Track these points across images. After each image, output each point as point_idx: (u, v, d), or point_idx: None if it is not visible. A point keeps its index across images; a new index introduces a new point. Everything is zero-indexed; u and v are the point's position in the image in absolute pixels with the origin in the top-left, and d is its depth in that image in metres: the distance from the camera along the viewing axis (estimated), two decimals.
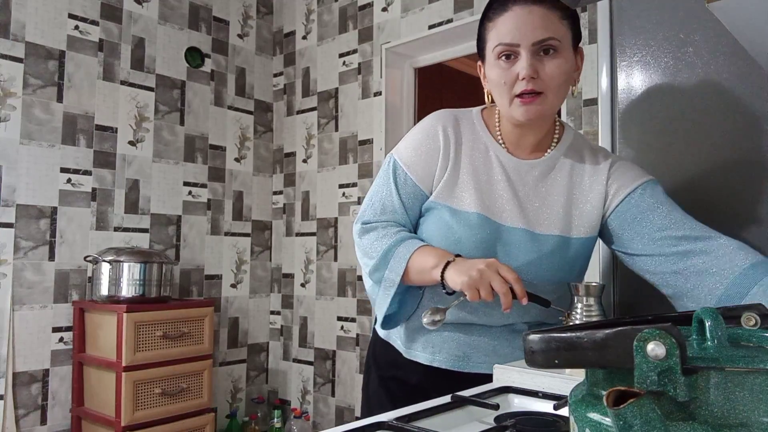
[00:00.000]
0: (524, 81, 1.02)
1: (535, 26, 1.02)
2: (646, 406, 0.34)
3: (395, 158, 1.17)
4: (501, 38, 1.04)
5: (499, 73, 1.05)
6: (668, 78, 1.36)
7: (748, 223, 1.25)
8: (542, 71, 1.02)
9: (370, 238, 1.15)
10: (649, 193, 1.10)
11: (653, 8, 1.38)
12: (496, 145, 1.15)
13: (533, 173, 1.13)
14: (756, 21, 0.91)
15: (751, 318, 0.48)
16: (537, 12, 1.02)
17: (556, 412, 0.81)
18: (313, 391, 3.06)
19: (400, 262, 1.08)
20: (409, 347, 1.20)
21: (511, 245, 1.10)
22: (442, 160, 1.13)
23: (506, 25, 1.03)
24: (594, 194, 1.12)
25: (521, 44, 1.02)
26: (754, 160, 1.24)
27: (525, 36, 1.02)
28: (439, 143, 1.14)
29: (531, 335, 0.43)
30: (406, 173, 1.15)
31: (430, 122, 1.17)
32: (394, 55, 2.85)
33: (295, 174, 3.26)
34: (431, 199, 1.14)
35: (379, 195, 1.18)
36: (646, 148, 1.39)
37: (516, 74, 1.03)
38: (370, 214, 1.18)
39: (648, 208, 1.08)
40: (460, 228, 1.10)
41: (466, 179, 1.12)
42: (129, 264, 2.43)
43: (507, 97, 1.06)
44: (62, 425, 2.50)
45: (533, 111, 1.04)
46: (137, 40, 2.83)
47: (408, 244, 1.10)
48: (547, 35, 1.02)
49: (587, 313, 1.04)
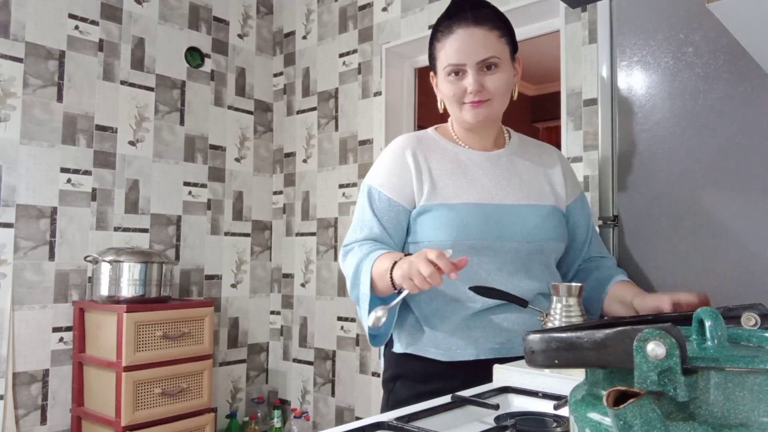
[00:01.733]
0: (471, 94, 1.19)
1: (477, 47, 1.18)
2: (646, 406, 0.34)
3: (368, 184, 1.28)
4: (449, 59, 1.20)
5: (450, 87, 1.22)
6: (668, 78, 1.36)
7: (748, 223, 1.25)
8: (486, 84, 1.20)
9: (347, 261, 1.23)
10: (584, 205, 1.35)
11: (653, 8, 1.38)
12: (460, 147, 1.29)
13: (503, 159, 1.29)
14: (756, 21, 0.91)
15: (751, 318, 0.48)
16: (478, 34, 1.19)
17: (556, 412, 0.81)
18: (313, 391, 3.06)
19: (366, 274, 1.15)
20: (448, 349, 1.19)
21: (513, 217, 1.22)
22: (416, 175, 1.24)
23: (453, 46, 1.20)
24: (557, 175, 1.32)
25: (467, 63, 1.19)
26: (754, 160, 1.24)
27: (469, 56, 1.19)
28: (408, 163, 1.25)
29: (531, 335, 0.43)
30: (379, 191, 1.25)
31: (395, 147, 1.29)
32: (394, 55, 2.85)
33: (295, 174, 3.26)
34: (423, 203, 1.22)
35: (357, 218, 1.28)
36: (646, 148, 1.39)
37: (464, 88, 1.20)
38: (350, 236, 1.27)
39: (578, 222, 1.33)
40: (463, 216, 1.18)
41: (447, 182, 1.23)
42: (129, 264, 2.43)
43: (457, 104, 1.23)
44: (62, 425, 2.50)
45: (481, 114, 1.21)
46: (137, 40, 2.83)
47: (372, 256, 1.16)
48: (489, 54, 1.19)
49: (567, 314, 1.03)
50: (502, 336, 1.19)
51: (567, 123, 2.17)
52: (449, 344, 1.19)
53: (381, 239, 1.23)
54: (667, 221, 1.35)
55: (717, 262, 1.29)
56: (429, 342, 1.21)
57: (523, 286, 1.20)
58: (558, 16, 2.25)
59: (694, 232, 1.31)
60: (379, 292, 1.15)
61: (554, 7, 2.23)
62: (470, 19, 1.20)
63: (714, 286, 1.27)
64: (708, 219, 1.30)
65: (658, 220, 1.36)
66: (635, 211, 1.33)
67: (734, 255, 1.26)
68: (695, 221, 1.31)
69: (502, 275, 1.20)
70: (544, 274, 1.24)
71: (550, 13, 2.28)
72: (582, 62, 2.14)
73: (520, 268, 1.21)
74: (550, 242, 1.23)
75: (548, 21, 2.34)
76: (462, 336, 1.19)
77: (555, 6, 2.22)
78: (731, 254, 1.27)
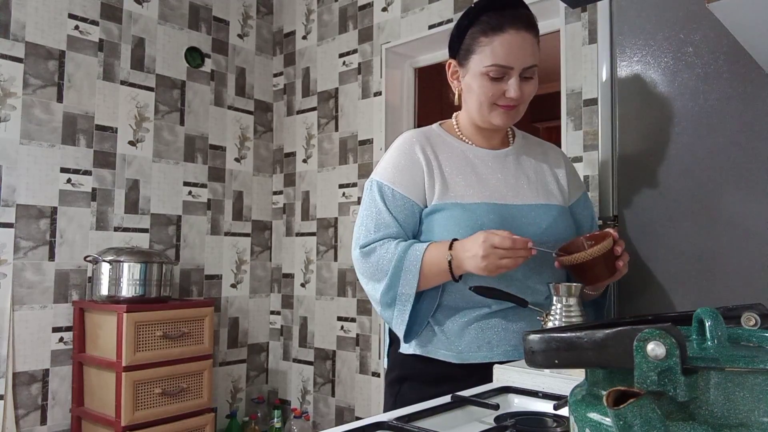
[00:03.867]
0: (510, 99, 1.16)
1: (527, 53, 1.14)
2: (646, 406, 0.34)
3: (377, 180, 1.22)
4: (497, 59, 1.14)
5: (488, 87, 1.16)
6: (668, 78, 1.36)
7: (749, 223, 1.25)
8: (524, 92, 1.17)
9: (372, 262, 1.17)
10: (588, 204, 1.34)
11: (653, 8, 1.38)
12: (467, 145, 1.26)
13: (510, 158, 1.26)
14: (756, 21, 0.91)
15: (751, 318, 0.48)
16: (528, 38, 1.14)
17: (556, 412, 0.81)
18: (313, 391, 3.06)
19: (413, 273, 1.12)
20: (460, 351, 1.16)
21: (526, 218, 1.20)
22: (427, 172, 1.20)
23: (503, 47, 1.13)
24: (562, 174, 1.30)
25: (515, 67, 1.14)
26: (754, 160, 1.24)
27: (518, 61, 1.14)
28: (419, 158, 1.21)
29: (531, 335, 0.43)
30: (392, 189, 1.19)
31: (403, 142, 1.25)
32: (394, 55, 2.84)
33: (295, 174, 3.26)
34: (436, 202, 1.18)
35: (370, 216, 1.20)
36: (646, 148, 1.39)
37: (503, 91, 1.16)
38: (365, 235, 1.20)
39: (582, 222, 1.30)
40: (478, 216, 1.16)
41: (458, 180, 1.20)
42: (129, 264, 2.43)
43: (488, 105, 1.18)
44: (62, 425, 2.50)
45: (511, 118, 1.20)
46: (137, 40, 2.83)
47: (411, 253, 1.13)
48: (534, 62, 1.16)
49: (567, 314, 1.02)
50: (515, 338, 1.16)
51: (567, 123, 2.17)
52: (461, 346, 1.16)
53: (397, 237, 1.18)
54: (667, 221, 1.35)
55: (717, 261, 1.29)
56: (440, 344, 1.18)
57: (537, 288, 1.18)
58: (558, 16, 2.25)
59: (694, 232, 1.31)
60: (424, 288, 1.15)
61: (554, 7, 2.23)
62: (524, 21, 1.14)
63: (714, 286, 1.27)
64: (708, 219, 1.30)
65: (658, 219, 1.36)
66: (635, 211, 1.33)
67: (734, 255, 1.26)
68: (695, 221, 1.31)
69: (517, 277, 1.16)
70: (555, 275, 1.20)
71: (550, 13, 2.28)
72: (582, 62, 2.14)
73: (534, 269, 1.18)
74: (560, 242, 1.19)
75: (548, 21, 2.34)
76: (475, 338, 1.16)
77: (555, 6, 2.22)
78: (731, 254, 1.27)
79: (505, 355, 1.14)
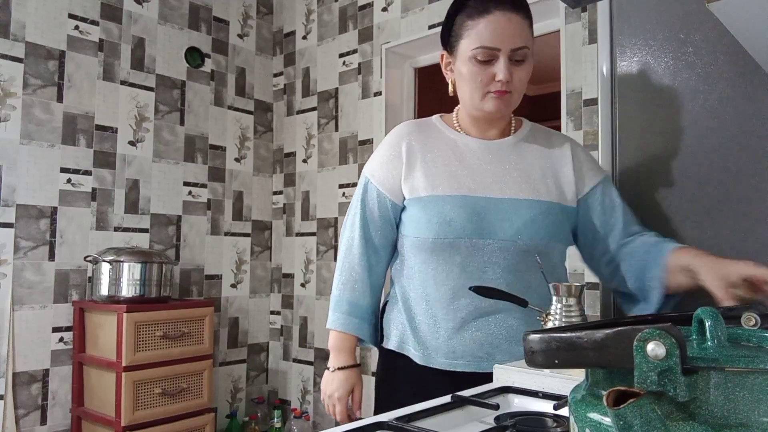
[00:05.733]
0: (499, 83, 1.12)
1: (513, 33, 1.10)
2: (646, 406, 0.34)
3: (365, 173, 1.28)
4: (483, 41, 1.11)
5: (475, 71, 1.13)
6: (668, 78, 1.36)
7: (749, 222, 1.25)
8: (514, 75, 1.13)
9: (337, 276, 1.30)
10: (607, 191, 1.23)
11: (653, 8, 1.38)
12: (459, 134, 1.24)
13: (504, 149, 1.22)
14: (756, 21, 0.91)
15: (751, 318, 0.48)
16: (515, 20, 1.11)
17: (556, 412, 0.81)
18: (313, 391, 3.06)
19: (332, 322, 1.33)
20: (425, 353, 1.19)
21: (503, 213, 1.15)
22: (406, 167, 1.21)
23: (488, 28, 1.11)
24: (567, 168, 1.22)
25: (501, 49, 1.11)
26: (754, 160, 1.24)
27: (505, 42, 1.10)
28: (400, 152, 1.22)
29: (531, 335, 0.43)
30: (375, 186, 1.25)
31: (393, 135, 1.28)
32: (394, 55, 2.84)
33: (295, 174, 3.26)
34: (409, 197, 1.20)
35: (350, 212, 1.30)
36: (646, 148, 1.39)
37: (492, 75, 1.12)
38: (345, 232, 1.30)
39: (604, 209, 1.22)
40: (447, 210, 1.15)
41: (441, 170, 1.19)
42: (129, 264, 2.43)
43: (480, 92, 1.15)
44: (62, 425, 2.50)
45: (504, 105, 1.15)
46: (137, 40, 2.83)
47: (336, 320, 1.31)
48: (523, 43, 1.12)
49: (567, 314, 1.02)
50: (482, 350, 1.15)
51: (567, 123, 2.17)
52: (427, 348, 1.18)
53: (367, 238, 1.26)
54: (668, 222, 1.35)
55: None
56: (410, 341, 1.21)
57: (512, 288, 1.12)
58: (558, 16, 2.25)
59: (694, 232, 1.31)
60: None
61: (554, 7, 2.23)
62: (511, 3, 1.11)
63: None
64: (708, 219, 1.30)
65: (658, 220, 1.36)
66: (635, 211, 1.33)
67: (735, 255, 1.26)
68: (695, 221, 1.31)
69: (487, 275, 1.14)
70: (539, 276, 1.13)
71: (550, 13, 2.28)
72: (582, 62, 2.14)
73: (509, 268, 1.14)
74: (541, 241, 1.15)
75: (548, 21, 2.34)
76: (444, 344, 1.17)
77: (555, 6, 2.22)
78: (732, 254, 1.26)
79: (467, 366, 1.15)
